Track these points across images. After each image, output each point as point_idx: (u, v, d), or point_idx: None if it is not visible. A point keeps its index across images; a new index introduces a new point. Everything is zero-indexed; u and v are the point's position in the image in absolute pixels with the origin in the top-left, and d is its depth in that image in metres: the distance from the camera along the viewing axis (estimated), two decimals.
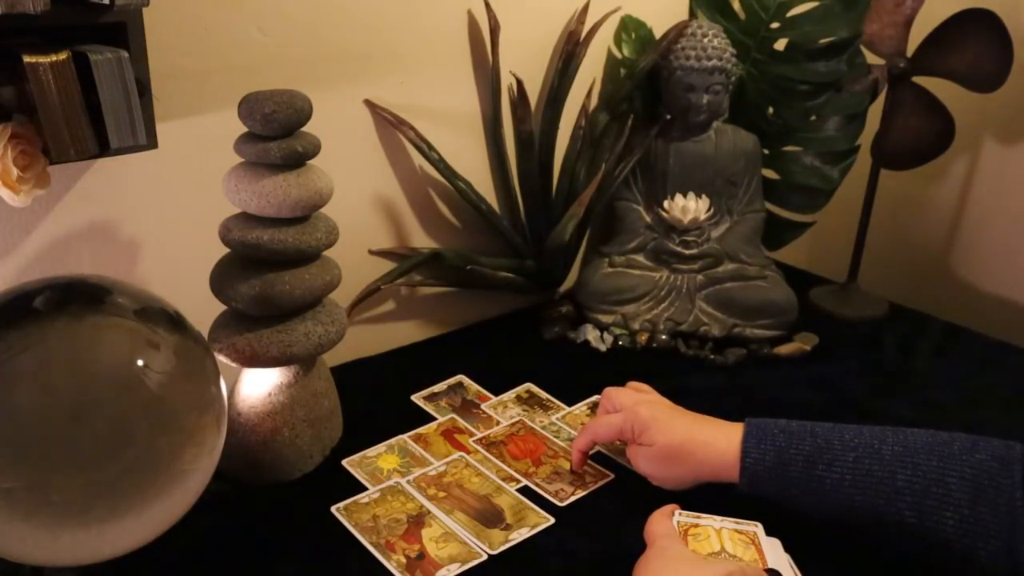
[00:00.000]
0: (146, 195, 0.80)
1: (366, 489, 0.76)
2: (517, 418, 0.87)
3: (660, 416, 0.74)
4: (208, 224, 0.76)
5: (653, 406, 0.76)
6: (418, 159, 0.97)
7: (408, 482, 0.77)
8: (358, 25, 0.88)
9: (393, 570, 0.67)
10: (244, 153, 0.71)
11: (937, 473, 0.64)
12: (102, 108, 0.65)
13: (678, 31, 1.04)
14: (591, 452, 0.80)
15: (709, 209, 1.06)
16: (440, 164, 0.96)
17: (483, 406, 0.89)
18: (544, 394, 0.92)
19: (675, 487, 0.74)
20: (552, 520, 0.73)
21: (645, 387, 0.82)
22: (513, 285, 1.03)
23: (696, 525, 0.66)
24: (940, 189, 1.29)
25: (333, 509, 0.73)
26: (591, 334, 1.03)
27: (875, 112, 1.10)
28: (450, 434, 0.84)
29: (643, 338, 1.02)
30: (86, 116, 0.64)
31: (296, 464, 0.77)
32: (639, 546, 0.63)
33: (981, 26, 1.01)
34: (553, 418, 0.88)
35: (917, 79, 1.06)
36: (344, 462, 0.80)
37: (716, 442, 0.71)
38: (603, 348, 1.01)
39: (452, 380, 0.94)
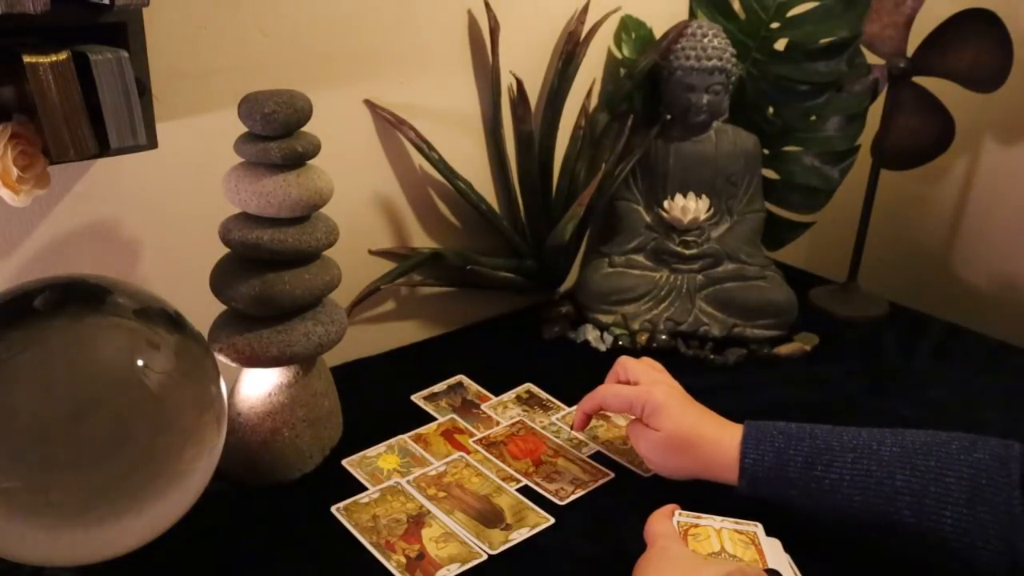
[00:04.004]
0: (146, 195, 0.80)
1: (366, 489, 0.76)
2: (517, 418, 0.87)
3: (673, 403, 0.74)
4: (208, 224, 0.76)
5: (669, 390, 0.75)
6: (418, 159, 0.97)
7: (408, 482, 0.77)
8: (358, 25, 0.88)
9: (393, 570, 0.67)
10: (244, 153, 0.71)
11: (935, 473, 0.64)
12: (102, 108, 0.65)
13: (678, 31, 1.04)
14: (593, 453, 0.80)
15: (709, 209, 1.06)
16: (440, 164, 0.96)
17: (483, 406, 0.89)
18: (544, 394, 0.92)
19: (670, 476, 0.74)
20: (552, 520, 0.73)
21: (659, 366, 0.81)
22: (513, 285, 1.04)
23: (696, 525, 0.66)
24: (940, 189, 1.29)
25: (333, 509, 0.73)
26: (591, 334, 1.03)
27: (875, 112, 1.10)
28: (450, 434, 0.84)
29: (643, 338, 1.02)
30: (86, 116, 0.64)
31: (296, 464, 0.77)
32: (639, 546, 0.63)
33: (981, 26, 1.01)
34: (553, 418, 0.88)
35: (917, 79, 1.06)
36: (344, 462, 0.80)
37: (720, 441, 0.71)
38: (603, 348, 1.01)
39: (452, 380, 0.94)
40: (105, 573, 0.64)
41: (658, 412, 0.73)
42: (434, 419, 0.87)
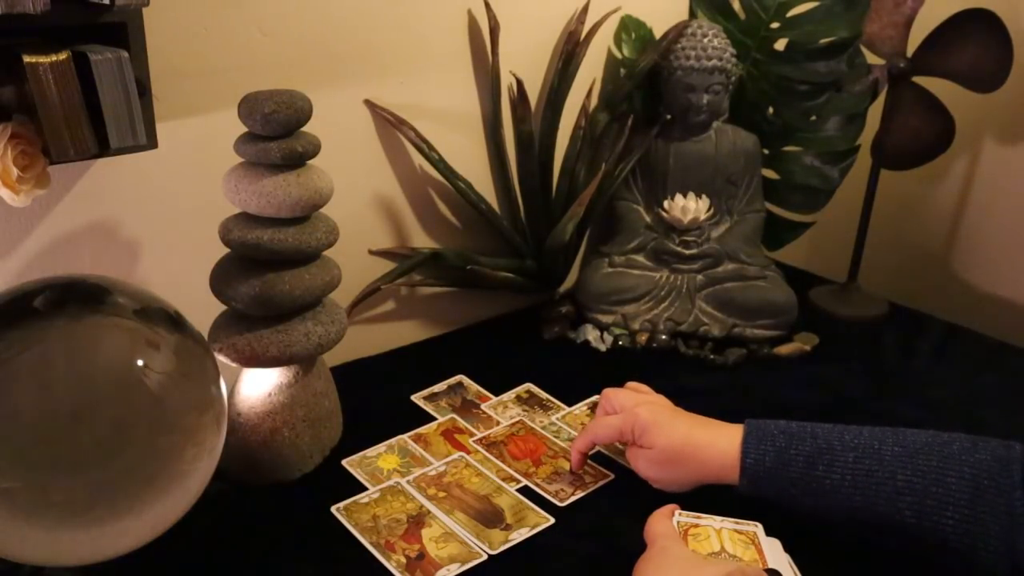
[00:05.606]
0: (146, 195, 0.80)
1: (366, 489, 0.76)
2: (517, 418, 0.87)
3: (660, 418, 0.74)
4: (208, 224, 0.76)
5: (653, 408, 0.76)
6: (418, 159, 0.97)
7: (408, 482, 0.77)
8: (358, 25, 0.88)
9: (393, 570, 0.67)
10: (244, 153, 0.71)
11: (937, 473, 0.64)
12: (102, 108, 0.65)
13: (678, 31, 1.04)
14: (591, 452, 0.80)
15: (709, 209, 1.06)
16: (440, 164, 0.96)
17: (483, 406, 0.89)
18: (544, 394, 0.92)
19: (676, 490, 0.74)
20: (552, 520, 0.73)
21: (644, 387, 0.82)
22: (513, 285, 1.03)
23: (696, 525, 0.66)
24: (940, 189, 1.29)
25: (333, 509, 0.73)
26: (591, 334, 1.03)
27: (875, 112, 1.10)
28: (450, 434, 0.84)
29: (643, 338, 1.02)
30: (86, 116, 0.64)
31: (296, 464, 0.77)
32: (639, 546, 0.63)
33: (981, 26, 1.01)
34: (553, 418, 0.88)
35: (917, 79, 1.06)
36: (344, 462, 0.80)
37: (716, 443, 0.71)
38: (603, 348, 1.01)
39: (452, 380, 0.94)
40: (105, 573, 0.64)
41: (647, 431, 0.73)
42: (434, 419, 0.87)
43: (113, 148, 0.67)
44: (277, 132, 0.69)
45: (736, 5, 1.11)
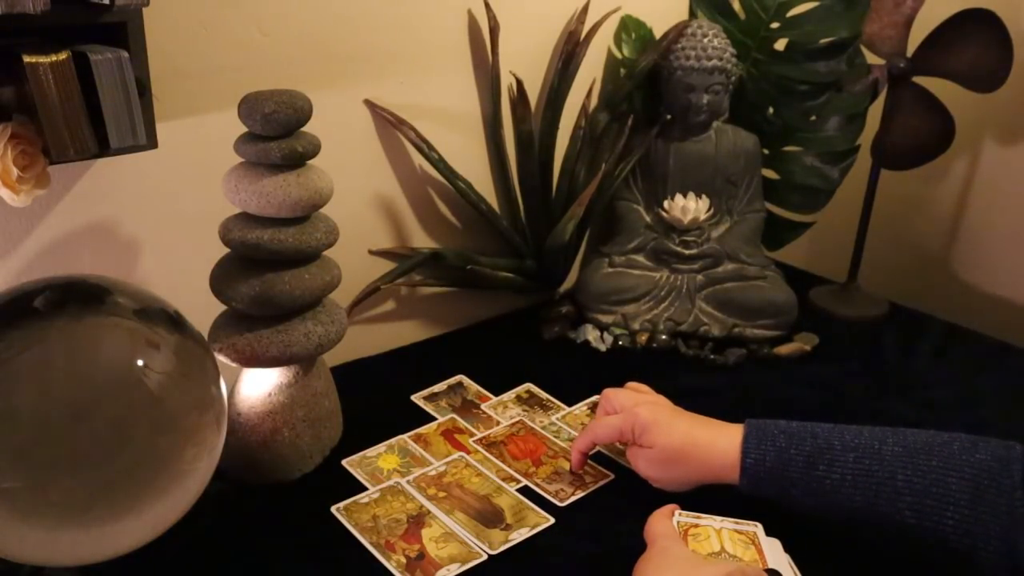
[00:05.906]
0: (146, 195, 0.80)
1: (366, 489, 0.76)
2: (517, 418, 0.87)
3: (660, 418, 0.74)
4: (208, 224, 0.76)
5: (653, 407, 0.76)
6: (418, 159, 0.97)
7: (408, 482, 0.77)
8: (358, 25, 0.88)
9: (393, 570, 0.67)
10: (244, 153, 0.71)
11: (937, 473, 0.64)
12: (102, 108, 0.65)
13: (678, 31, 1.04)
14: (591, 452, 0.80)
15: (709, 209, 1.06)
16: (440, 164, 0.96)
17: (483, 406, 0.89)
18: (544, 394, 0.92)
19: (676, 489, 0.74)
20: (552, 520, 0.73)
21: (644, 387, 0.82)
22: (513, 285, 1.04)
23: (696, 525, 0.66)
24: (940, 189, 1.29)
25: (333, 509, 0.73)
26: (591, 334, 1.03)
27: (875, 112, 1.10)
28: (450, 434, 0.84)
29: (643, 338, 1.02)
30: (86, 116, 0.64)
31: (296, 464, 0.77)
32: (639, 546, 0.63)
33: (981, 26, 1.01)
34: (553, 418, 0.88)
35: (917, 79, 1.06)
36: (344, 462, 0.80)
37: (717, 443, 0.71)
38: (603, 348, 1.01)
39: (452, 380, 0.94)
40: (105, 573, 0.64)
41: (647, 430, 0.73)
42: (434, 419, 0.87)
43: (113, 148, 0.67)
44: (277, 132, 0.69)
45: (736, 5, 1.11)
